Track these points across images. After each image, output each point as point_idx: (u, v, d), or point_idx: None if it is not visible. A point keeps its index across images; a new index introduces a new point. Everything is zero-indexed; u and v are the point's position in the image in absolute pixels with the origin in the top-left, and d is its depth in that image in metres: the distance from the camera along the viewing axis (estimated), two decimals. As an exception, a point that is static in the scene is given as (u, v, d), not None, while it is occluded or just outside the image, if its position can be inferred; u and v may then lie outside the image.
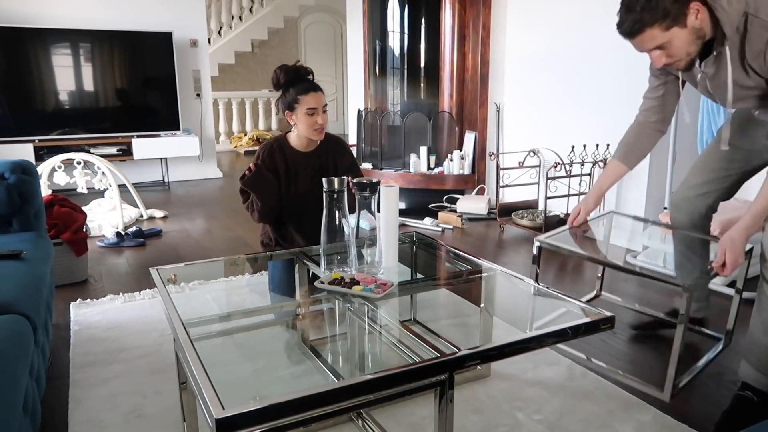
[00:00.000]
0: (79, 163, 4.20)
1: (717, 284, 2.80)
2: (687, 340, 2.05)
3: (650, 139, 1.95)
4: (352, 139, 5.18)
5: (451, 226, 4.08)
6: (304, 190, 2.25)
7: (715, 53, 1.61)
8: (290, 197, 2.27)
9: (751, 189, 3.31)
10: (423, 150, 4.49)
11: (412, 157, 4.52)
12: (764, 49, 1.52)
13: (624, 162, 1.98)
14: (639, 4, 1.50)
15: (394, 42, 4.59)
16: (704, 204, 2.07)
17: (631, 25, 1.53)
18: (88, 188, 4.32)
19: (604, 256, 2.18)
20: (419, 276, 2.01)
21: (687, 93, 1.93)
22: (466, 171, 4.45)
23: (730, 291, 2.74)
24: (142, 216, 4.40)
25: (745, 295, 2.70)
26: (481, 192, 4.47)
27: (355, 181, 1.61)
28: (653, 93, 1.91)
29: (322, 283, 1.57)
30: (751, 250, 1.96)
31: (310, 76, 2.22)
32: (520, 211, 3.93)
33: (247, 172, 2.19)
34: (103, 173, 4.18)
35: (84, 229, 3.02)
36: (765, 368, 1.73)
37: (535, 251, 2.03)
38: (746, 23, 1.52)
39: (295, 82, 2.19)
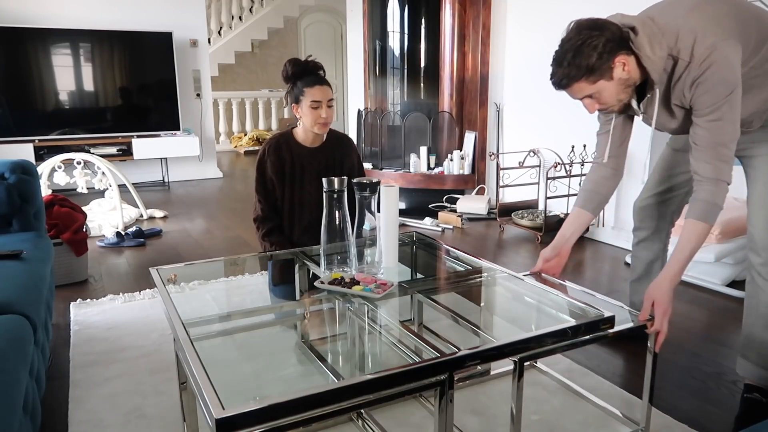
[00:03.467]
0: (79, 163, 4.20)
1: (716, 283, 2.80)
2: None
3: (608, 184, 1.89)
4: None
5: (451, 226, 4.08)
6: (309, 188, 2.25)
7: (648, 96, 1.66)
8: (295, 196, 2.26)
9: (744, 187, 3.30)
10: (423, 150, 4.49)
11: (412, 157, 4.52)
12: (687, 85, 1.58)
13: (585, 209, 1.91)
14: (566, 59, 1.54)
15: (394, 42, 4.59)
16: (668, 210, 2.06)
17: (559, 79, 1.58)
18: (88, 188, 4.32)
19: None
20: (419, 276, 2.00)
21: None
22: (466, 171, 4.45)
23: (730, 291, 2.74)
24: (142, 216, 4.40)
25: (742, 294, 2.69)
26: (481, 192, 4.47)
27: (355, 181, 1.61)
28: (604, 128, 1.88)
29: (322, 283, 1.57)
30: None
31: (321, 72, 2.22)
32: (520, 211, 3.93)
33: (258, 209, 2.27)
34: (103, 173, 4.18)
35: (84, 229, 3.02)
36: (765, 362, 1.73)
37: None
38: (674, 66, 1.58)
39: (302, 75, 2.19)
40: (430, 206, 4.48)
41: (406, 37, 4.53)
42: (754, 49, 1.58)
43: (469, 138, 4.48)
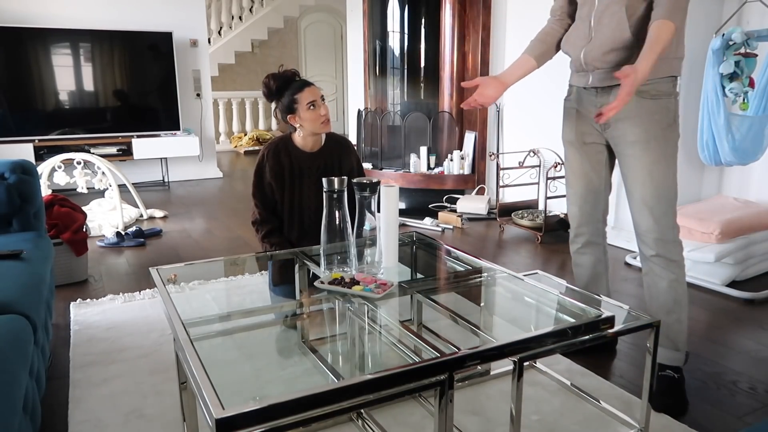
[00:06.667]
0: (79, 163, 4.20)
1: (716, 283, 2.80)
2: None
3: (557, 35, 2.00)
4: (352, 139, 5.18)
5: (451, 226, 4.08)
6: (308, 193, 2.25)
7: None
8: (294, 200, 2.26)
9: (749, 187, 3.31)
10: (423, 150, 4.49)
11: (412, 157, 4.52)
12: None
13: (533, 56, 2.00)
14: None
15: (394, 42, 4.59)
16: (598, 210, 2.05)
17: None
18: (88, 188, 4.32)
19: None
20: (419, 276, 2.00)
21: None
22: (466, 171, 4.45)
23: (730, 291, 2.74)
24: (142, 216, 4.40)
25: (742, 294, 2.70)
26: (481, 192, 4.47)
27: (355, 180, 1.61)
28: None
29: (322, 283, 1.57)
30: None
31: (298, 77, 2.22)
32: (520, 211, 3.93)
33: (256, 213, 2.25)
34: (103, 173, 4.18)
35: (84, 229, 3.02)
36: (675, 345, 1.87)
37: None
38: None
39: (287, 86, 2.18)
40: (430, 206, 4.48)
41: (406, 37, 4.53)
42: None
43: (469, 138, 4.48)
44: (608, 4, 1.77)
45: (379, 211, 1.68)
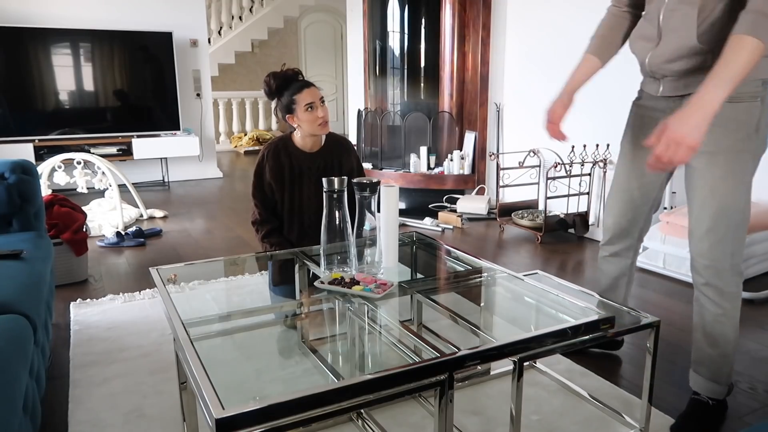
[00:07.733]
0: (79, 163, 4.20)
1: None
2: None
3: (623, 28, 1.77)
4: (352, 139, 5.19)
5: (451, 226, 4.08)
6: (308, 193, 2.25)
7: None
8: (294, 200, 2.26)
9: (757, 187, 3.30)
10: (423, 150, 4.49)
11: (412, 157, 4.52)
12: None
13: (596, 55, 1.80)
14: None
15: (394, 42, 4.59)
16: (636, 227, 1.92)
17: None
18: (88, 188, 4.32)
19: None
20: (419, 276, 2.00)
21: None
22: (466, 171, 4.45)
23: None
24: (142, 216, 4.40)
25: (742, 294, 2.69)
26: (481, 192, 4.47)
27: (355, 180, 1.61)
28: None
29: (322, 283, 1.57)
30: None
31: (300, 76, 2.22)
32: (520, 211, 3.93)
33: (256, 213, 2.24)
34: (103, 173, 4.18)
35: (84, 229, 3.02)
36: (716, 377, 1.73)
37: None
38: None
39: (287, 86, 2.18)
40: (430, 206, 4.48)
41: (406, 37, 4.53)
42: None
43: (469, 138, 4.48)
44: (678, 2, 1.52)
45: (379, 211, 1.68)
